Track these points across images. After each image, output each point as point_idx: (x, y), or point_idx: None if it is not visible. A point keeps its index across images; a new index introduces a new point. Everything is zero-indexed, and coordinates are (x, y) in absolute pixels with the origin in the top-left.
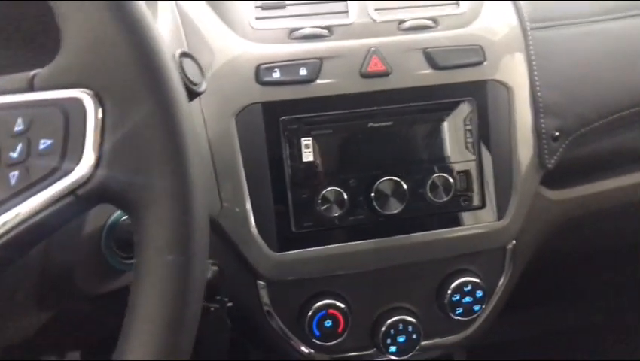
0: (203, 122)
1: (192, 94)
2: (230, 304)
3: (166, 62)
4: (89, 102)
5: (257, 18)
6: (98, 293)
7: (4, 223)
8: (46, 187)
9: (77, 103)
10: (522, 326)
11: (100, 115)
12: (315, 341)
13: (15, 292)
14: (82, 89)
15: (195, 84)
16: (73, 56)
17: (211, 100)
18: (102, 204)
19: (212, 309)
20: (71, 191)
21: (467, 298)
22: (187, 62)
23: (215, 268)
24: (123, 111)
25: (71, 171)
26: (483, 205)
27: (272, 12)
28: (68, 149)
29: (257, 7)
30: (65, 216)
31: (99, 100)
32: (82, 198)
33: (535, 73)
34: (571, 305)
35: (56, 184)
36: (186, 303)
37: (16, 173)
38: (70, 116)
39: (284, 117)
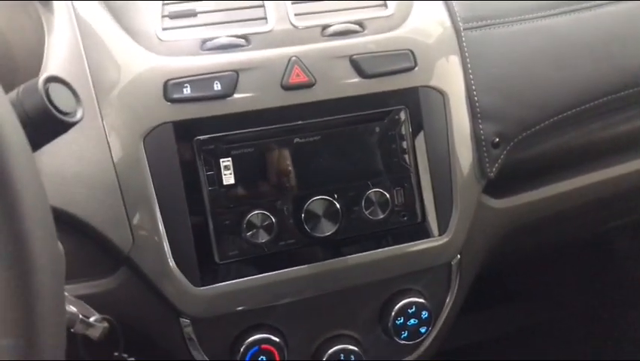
0: (108, 145)
1: (63, 124)
2: (131, 359)
3: None
4: None
5: (165, 29)
6: None
7: None
8: None
9: None
10: (475, 330)
11: None
12: None
13: None
14: None
15: (66, 113)
16: None
17: (117, 121)
18: None
19: None
20: None
21: (412, 321)
22: (56, 87)
23: (105, 324)
24: None
25: None
26: (423, 220)
27: (181, 21)
28: None
29: (164, 16)
30: None
31: None
32: None
33: (471, 76)
34: (523, 306)
35: None
36: None
37: None
38: None
39: (198, 137)
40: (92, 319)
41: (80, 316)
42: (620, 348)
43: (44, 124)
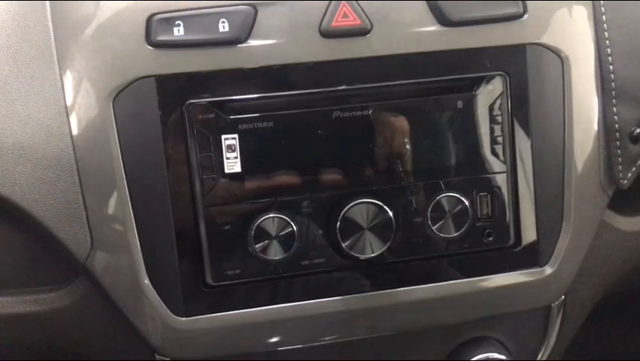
0: (65, 107)
1: None
2: None
3: None
4: None
5: None
6: None
7: None
8: None
9: None
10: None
11: None
12: None
13: None
14: None
15: None
16: None
17: (79, 73)
18: None
19: None
20: None
21: None
22: None
23: None
24: None
25: None
26: (516, 243)
27: None
28: None
29: None
30: None
31: None
32: None
33: (606, 35)
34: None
35: None
36: None
37: None
38: None
39: (192, 100)
40: None
41: None
42: None
43: None
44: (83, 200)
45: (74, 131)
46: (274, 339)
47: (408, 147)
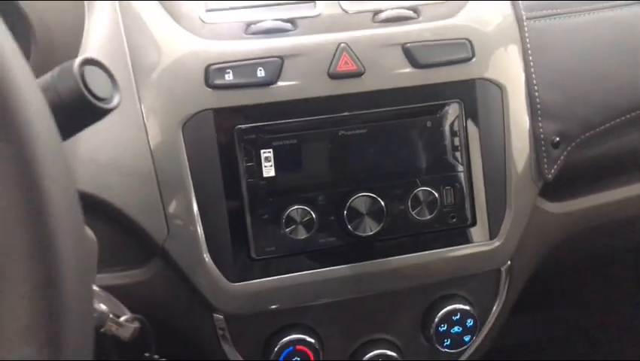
0: (145, 131)
1: (98, 111)
2: (162, 360)
3: (20, 95)
4: None
5: (208, 10)
6: None
7: None
8: None
9: None
10: (514, 332)
11: None
12: None
13: None
14: None
15: (101, 99)
16: None
17: (156, 106)
18: None
19: None
20: None
21: (456, 328)
22: (92, 71)
23: (136, 324)
24: None
25: None
26: (473, 223)
27: (225, 3)
28: None
29: None
30: None
31: None
32: None
33: (532, 70)
34: (568, 312)
35: None
36: None
37: None
38: None
39: (239, 126)
40: (122, 318)
41: (110, 315)
42: None
43: (78, 109)
44: (161, 200)
45: (154, 150)
46: (300, 298)
47: (394, 154)
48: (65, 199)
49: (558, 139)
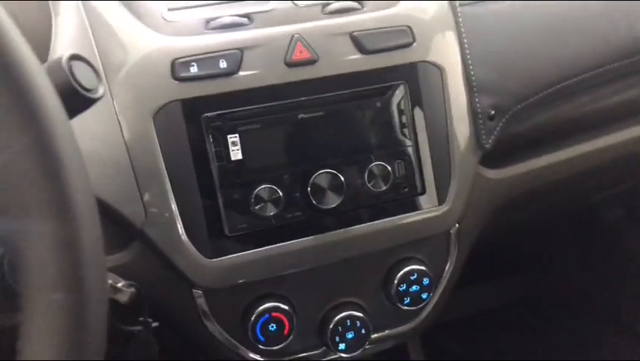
0: (118, 124)
1: (86, 100)
2: (155, 324)
3: (34, 73)
4: None
5: (170, 9)
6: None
7: None
8: None
9: None
10: (470, 303)
11: None
12: (260, 346)
13: None
14: None
15: (88, 90)
16: None
17: (127, 100)
18: None
19: (136, 332)
20: None
21: (414, 287)
22: (78, 65)
23: (133, 289)
24: None
25: None
26: (423, 192)
27: (185, 2)
28: None
29: None
30: None
31: None
32: None
33: (467, 51)
34: (516, 279)
35: None
36: (81, 343)
37: None
38: None
39: (206, 114)
40: (120, 284)
41: (109, 281)
42: (615, 320)
43: (69, 101)
44: (138, 187)
45: (128, 142)
46: (272, 269)
47: (349, 134)
48: (79, 166)
49: (493, 112)
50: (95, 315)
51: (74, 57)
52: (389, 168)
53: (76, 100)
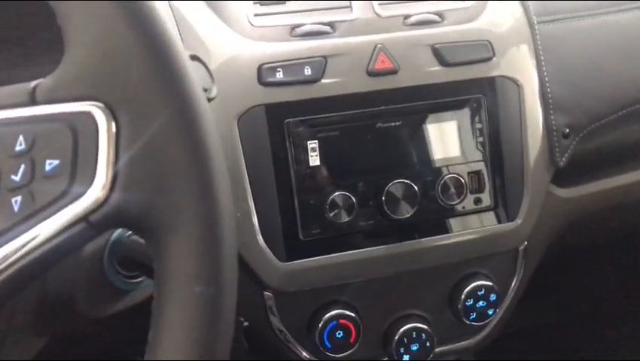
0: None
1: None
2: (246, 323)
3: (185, 66)
4: (100, 116)
5: (256, 15)
6: (101, 316)
7: (6, 256)
8: (53, 214)
9: (87, 117)
10: (528, 317)
11: (114, 129)
12: (326, 353)
13: (13, 316)
14: (92, 102)
15: (206, 90)
16: (79, 63)
17: (214, 102)
18: None
19: None
20: (83, 217)
21: (480, 303)
22: (196, 65)
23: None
24: (139, 124)
25: (83, 194)
26: (495, 206)
27: (271, 8)
28: (78, 169)
29: (255, 3)
30: (75, 244)
31: (112, 113)
32: (95, 224)
33: (544, 68)
34: (577, 297)
35: (64, 210)
36: (217, 338)
37: (19, 198)
38: (79, 133)
39: (288, 119)
40: None
41: None
42: None
43: None
44: None
45: None
46: (342, 275)
47: (425, 144)
48: (222, 162)
49: (568, 130)
50: (229, 308)
51: (194, 57)
52: (463, 181)
53: None
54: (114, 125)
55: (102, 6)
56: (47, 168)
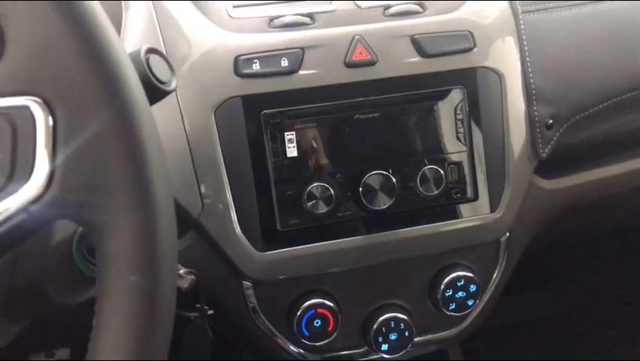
0: (181, 116)
1: (160, 93)
2: (210, 311)
3: (123, 63)
4: (37, 110)
5: (235, 6)
6: (71, 303)
7: None
8: None
9: (25, 111)
10: (514, 311)
11: (51, 123)
12: (304, 341)
13: None
14: (29, 97)
15: (163, 82)
16: (17, 59)
17: (189, 93)
18: None
19: (192, 318)
20: (23, 208)
21: (460, 293)
22: (154, 58)
23: (193, 277)
24: (76, 120)
25: (19, 190)
26: (475, 198)
27: (250, 1)
28: (17, 164)
29: None
30: (17, 236)
31: (49, 108)
32: (36, 214)
33: (527, 58)
34: (563, 290)
35: (4, 202)
36: (154, 326)
37: None
38: (17, 127)
39: (265, 111)
40: (181, 271)
41: None
42: None
43: (145, 91)
44: (196, 178)
45: (189, 134)
46: (320, 265)
47: (404, 136)
48: (159, 152)
49: (551, 121)
50: (167, 297)
51: (151, 50)
52: (442, 173)
53: (151, 91)
54: (50, 119)
55: (41, 6)
56: None
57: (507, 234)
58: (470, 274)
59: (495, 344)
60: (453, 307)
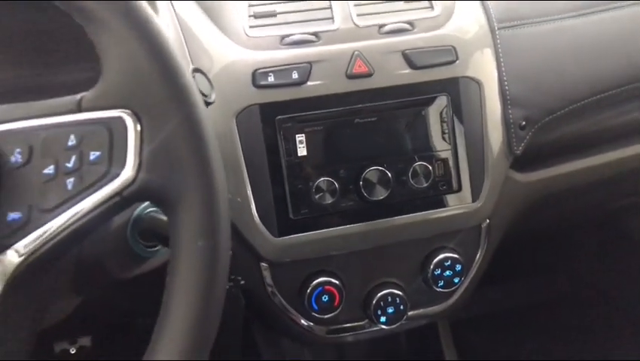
0: None
1: (205, 104)
2: (243, 282)
3: (188, 82)
4: (129, 120)
5: (251, 26)
6: (125, 278)
7: (65, 222)
8: (97, 190)
9: (119, 121)
10: (498, 299)
11: (138, 129)
12: (314, 314)
13: (57, 278)
14: (122, 110)
15: (206, 95)
16: (113, 81)
17: (214, 103)
18: None
19: (228, 287)
20: (118, 192)
21: (447, 272)
22: (198, 76)
23: (230, 251)
24: (157, 125)
25: (118, 175)
26: (459, 189)
27: (264, 20)
28: (114, 158)
29: (250, 16)
30: (111, 214)
31: (137, 117)
32: (126, 198)
33: (503, 68)
34: (547, 278)
35: (105, 187)
36: (216, 280)
37: (71, 180)
38: (114, 132)
39: (279, 117)
40: None
41: None
42: (633, 323)
43: None
44: None
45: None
46: (327, 248)
47: (397, 137)
48: (216, 150)
49: (524, 123)
50: (224, 257)
51: (196, 70)
52: (430, 168)
53: None
54: (138, 126)
55: (130, 42)
56: (92, 157)
57: (487, 220)
58: (456, 255)
59: (480, 332)
60: (442, 284)
